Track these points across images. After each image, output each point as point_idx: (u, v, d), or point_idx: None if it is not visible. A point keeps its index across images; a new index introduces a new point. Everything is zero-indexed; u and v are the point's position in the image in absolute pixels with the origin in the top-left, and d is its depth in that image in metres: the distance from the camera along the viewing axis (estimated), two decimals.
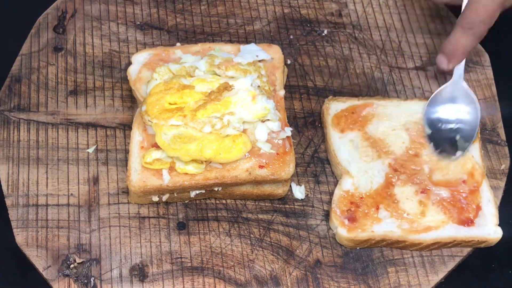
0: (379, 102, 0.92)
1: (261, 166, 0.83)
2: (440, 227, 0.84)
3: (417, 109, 0.92)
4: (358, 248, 0.85)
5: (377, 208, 0.85)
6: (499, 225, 0.85)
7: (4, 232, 0.84)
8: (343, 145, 0.89)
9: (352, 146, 0.89)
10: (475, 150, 0.89)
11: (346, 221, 0.84)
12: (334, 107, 0.92)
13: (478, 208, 0.86)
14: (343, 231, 0.83)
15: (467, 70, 0.98)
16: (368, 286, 0.83)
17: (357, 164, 0.88)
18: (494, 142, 0.93)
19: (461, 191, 0.86)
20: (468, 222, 0.85)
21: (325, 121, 0.91)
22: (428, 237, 0.83)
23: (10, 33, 0.99)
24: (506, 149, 0.93)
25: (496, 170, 0.91)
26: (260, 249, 0.84)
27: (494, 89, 0.97)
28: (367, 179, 0.87)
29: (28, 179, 0.86)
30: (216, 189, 0.85)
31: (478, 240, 0.84)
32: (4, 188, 0.86)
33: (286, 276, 0.83)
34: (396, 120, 0.91)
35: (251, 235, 0.85)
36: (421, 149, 0.89)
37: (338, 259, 0.84)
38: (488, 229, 0.85)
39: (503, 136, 0.94)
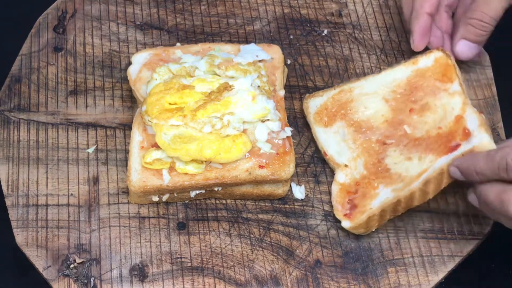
0: (355, 84, 0.91)
1: (261, 166, 0.83)
2: (429, 167, 0.83)
3: (392, 78, 0.91)
4: (373, 229, 0.84)
5: (375, 186, 0.85)
6: None
7: (4, 232, 0.84)
8: (330, 139, 0.89)
9: (339, 137, 0.89)
10: (455, 85, 0.88)
11: (348, 211, 0.84)
12: (313, 104, 0.91)
13: (465, 132, 0.83)
14: (346, 223, 0.84)
15: (466, 70, 0.98)
16: (368, 286, 0.83)
17: (347, 154, 0.88)
18: (494, 142, 0.93)
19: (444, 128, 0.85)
20: (456, 147, 0.83)
21: (308, 120, 0.91)
22: (418, 182, 0.82)
23: (10, 33, 0.99)
24: None
25: None
26: (260, 249, 0.84)
27: (494, 89, 0.97)
28: (359, 163, 0.87)
29: (28, 179, 0.86)
30: (216, 189, 0.85)
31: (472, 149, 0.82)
32: (4, 188, 0.86)
33: (286, 276, 0.83)
34: (374, 96, 0.90)
35: (251, 235, 0.85)
36: (401, 114, 0.88)
37: (338, 259, 0.84)
38: (476, 140, 0.82)
39: (503, 136, 0.94)
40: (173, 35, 0.99)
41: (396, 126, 0.88)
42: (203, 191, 0.85)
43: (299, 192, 0.88)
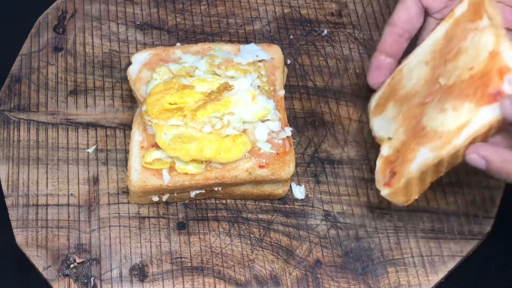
0: (404, 63, 0.87)
1: (261, 166, 0.83)
2: (470, 120, 0.73)
3: (433, 40, 0.84)
4: (415, 197, 0.79)
5: (414, 149, 0.78)
6: None
7: (4, 232, 0.84)
8: (381, 123, 0.86)
9: (388, 118, 0.85)
10: (484, 21, 0.78)
11: (387, 180, 0.79)
12: (373, 100, 0.89)
13: (502, 70, 0.73)
14: (384, 191, 0.79)
15: None
16: (368, 286, 0.83)
17: (392, 128, 0.84)
18: None
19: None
20: (498, 95, 0.72)
21: (370, 119, 0.87)
22: (460, 140, 0.73)
23: (10, 33, 0.99)
24: None
25: None
26: (260, 249, 0.84)
27: None
28: (400, 132, 0.82)
29: (28, 179, 0.86)
30: (216, 189, 0.85)
31: None
32: (4, 188, 0.86)
33: (286, 276, 0.83)
34: (418, 65, 0.84)
35: (251, 235, 0.85)
36: (438, 69, 0.81)
37: (338, 259, 0.84)
38: None
39: None
40: (173, 35, 0.99)
41: (434, 82, 0.81)
42: (203, 191, 0.85)
43: (299, 192, 0.88)
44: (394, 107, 0.85)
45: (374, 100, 0.88)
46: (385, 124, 0.85)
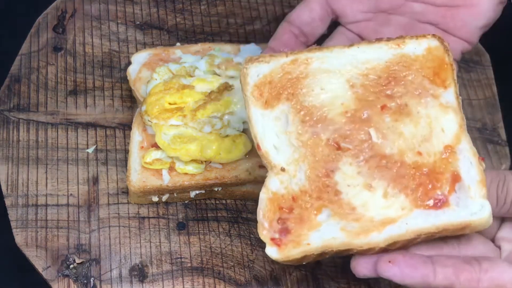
0: (315, 54, 0.69)
1: (261, 166, 0.83)
2: (398, 218, 0.62)
3: (367, 57, 0.68)
4: (305, 263, 0.68)
5: (318, 210, 0.64)
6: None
7: (3, 232, 0.84)
8: (268, 127, 0.68)
9: (279, 126, 0.68)
10: (449, 95, 0.66)
11: (277, 235, 0.65)
12: (254, 72, 0.69)
13: (455, 178, 0.62)
14: (272, 251, 0.64)
15: (467, 70, 0.98)
16: (368, 286, 0.83)
17: (286, 152, 0.67)
18: (494, 142, 0.93)
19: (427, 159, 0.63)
20: (440, 203, 0.62)
21: (244, 94, 0.69)
22: (381, 237, 0.62)
23: (10, 33, 0.99)
24: (507, 149, 0.93)
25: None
26: (260, 249, 0.84)
27: (494, 89, 0.97)
28: (300, 169, 0.66)
29: (28, 179, 0.86)
30: (216, 189, 0.85)
31: (456, 227, 0.61)
32: (3, 188, 0.86)
33: (286, 276, 0.83)
34: (337, 75, 0.68)
35: (251, 235, 0.85)
36: (368, 109, 0.66)
37: (338, 259, 0.84)
38: (472, 207, 0.61)
39: (503, 136, 0.94)
40: (173, 35, 0.99)
41: (359, 124, 0.66)
42: (203, 191, 0.85)
43: None
44: (292, 116, 0.68)
45: (254, 73, 0.68)
46: (273, 133, 0.68)
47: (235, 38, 0.99)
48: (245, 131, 0.84)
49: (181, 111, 0.83)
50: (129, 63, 0.91)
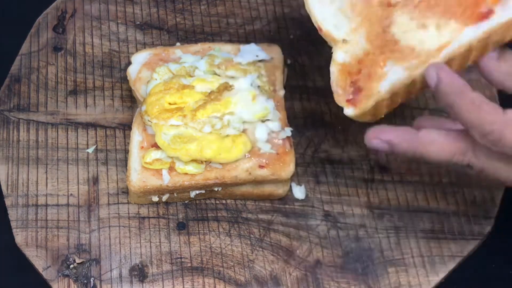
0: None
1: (261, 166, 0.83)
2: (452, 40, 0.67)
3: None
4: (381, 116, 0.72)
5: (383, 62, 0.69)
6: None
7: (3, 232, 0.84)
8: (325, 9, 0.74)
9: (335, 6, 0.73)
10: None
11: (351, 96, 0.70)
12: None
13: None
14: (349, 110, 0.70)
15: (467, 70, 0.98)
16: (368, 286, 0.83)
17: (345, 26, 0.73)
18: None
19: None
20: (487, 15, 0.66)
21: None
22: (439, 59, 0.67)
23: (10, 33, 0.99)
24: None
25: None
26: (260, 249, 0.84)
27: (494, 89, 0.97)
28: (360, 36, 0.71)
29: (28, 179, 0.86)
30: (216, 189, 0.85)
31: (503, 28, 0.66)
32: (3, 188, 0.86)
33: (286, 276, 0.83)
34: None
35: (251, 235, 0.85)
36: None
37: (338, 259, 0.84)
38: None
39: None
40: (173, 35, 0.99)
41: None
42: (203, 191, 0.85)
43: (299, 192, 0.88)
44: None
45: None
46: (333, 14, 0.73)
47: (235, 38, 0.99)
48: (245, 131, 0.84)
49: (181, 111, 0.83)
50: (129, 63, 0.91)
